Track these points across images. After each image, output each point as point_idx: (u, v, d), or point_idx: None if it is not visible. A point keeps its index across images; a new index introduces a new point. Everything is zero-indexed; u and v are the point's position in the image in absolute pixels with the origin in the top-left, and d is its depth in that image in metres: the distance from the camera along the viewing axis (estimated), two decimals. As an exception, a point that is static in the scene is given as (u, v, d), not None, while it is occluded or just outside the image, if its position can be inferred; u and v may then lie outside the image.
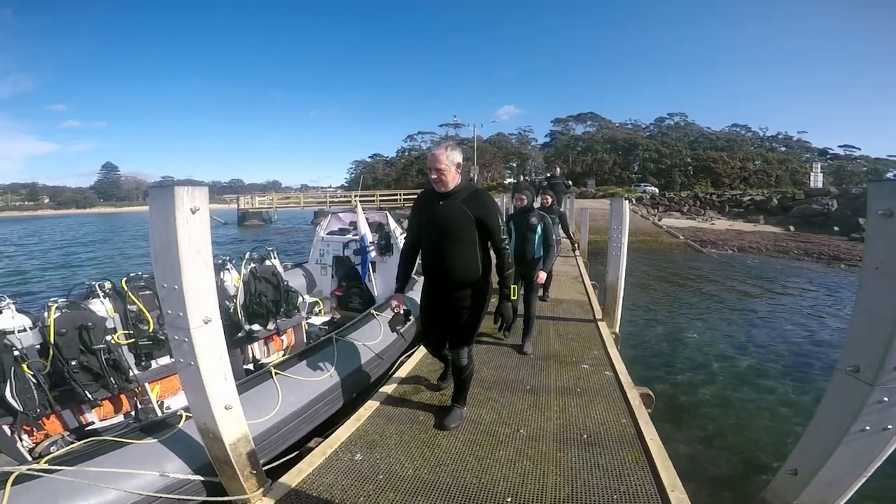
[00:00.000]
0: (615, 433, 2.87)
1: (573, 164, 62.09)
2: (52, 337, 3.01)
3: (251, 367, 4.58)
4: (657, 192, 43.87)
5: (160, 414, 3.50)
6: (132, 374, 3.46)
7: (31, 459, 2.67)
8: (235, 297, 4.45)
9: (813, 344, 7.98)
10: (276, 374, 3.27)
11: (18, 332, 3.01)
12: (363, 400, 3.48)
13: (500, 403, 3.31)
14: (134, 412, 3.56)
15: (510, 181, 49.60)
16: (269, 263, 5.03)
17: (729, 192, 40.78)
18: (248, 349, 4.62)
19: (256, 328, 4.61)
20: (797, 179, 51.42)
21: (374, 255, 6.69)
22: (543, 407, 3.25)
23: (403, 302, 3.06)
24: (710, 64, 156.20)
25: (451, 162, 2.63)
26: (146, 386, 3.64)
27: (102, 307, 3.54)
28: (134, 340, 3.59)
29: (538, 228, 4.30)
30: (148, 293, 3.74)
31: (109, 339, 3.35)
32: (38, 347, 3.10)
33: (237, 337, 4.41)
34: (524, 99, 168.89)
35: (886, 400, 1.37)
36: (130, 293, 3.64)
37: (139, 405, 3.59)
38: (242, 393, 2.43)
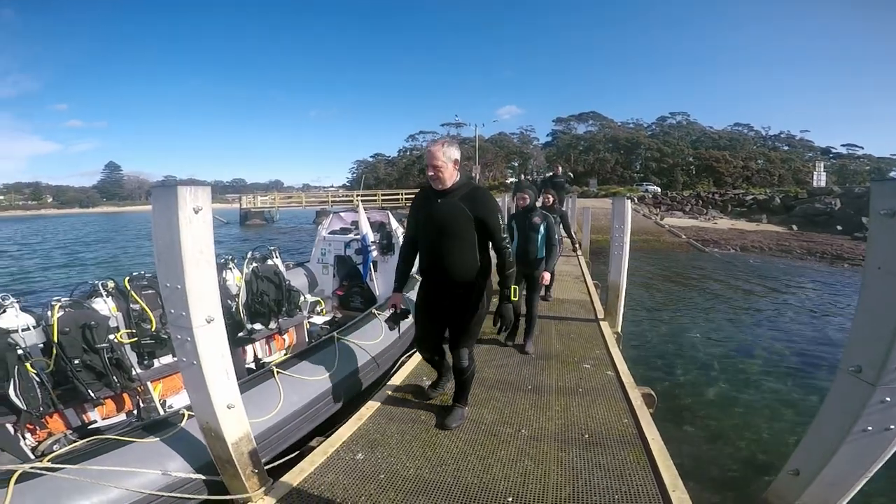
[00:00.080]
0: (617, 433, 2.86)
1: (575, 163, 61.94)
2: (55, 336, 3.02)
3: (253, 366, 4.59)
4: (659, 191, 43.83)
5: (162, 413, 3.51)
6: (135, 372, 3.48)
7: (34, 458, 2.68)
8: (237, 296, 4.46)
9: (815, 344, 7.96)
10: (277, 373, 3.27)
11: (22, 330, 3.03)
12: (364, 399, 3.48)
13: (501, 403, 3.31)
14: (136, 411, 3.57)
15: (512, 180, 49.58)
16: (270, 263, 5.04)
17: (731, 191, 40.76)
18: (249, 348, 4.63)
19: (258, 327, 4.62)
20: (800, 178, 51.33)
21: (375, 254, 6.70)
22: (545, 407, 3.25)
23: (402, 301, 3.03)
24: (712, 63, 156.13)
25: (448, 158, 2.57)
26: (148, 385, 3.65)
27: (105, 306, 3.55)
28: (136, 339, 3.60)
29: (541, 228, 4.28)
30: (150, 292, 3.75)
31: (112, 337, 3.36)
32: (41, 346, 3.11)
33: (239, 336, 4.42)
34: (525, 98, 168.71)
35: (889, 400, 1.37)
36: (133, 292, 3.65)
37: (141, 404, 3.61)
38: (244, 392, 2.44)
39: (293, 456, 2.80)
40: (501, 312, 2.77)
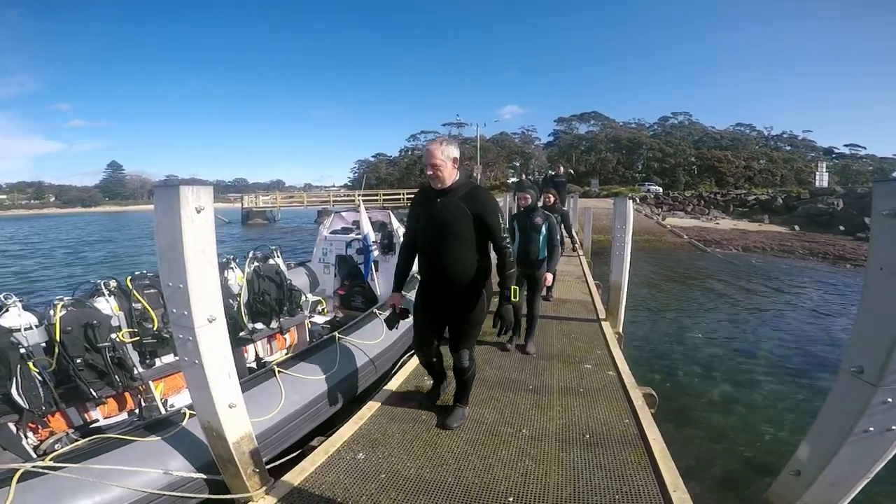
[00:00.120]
0: (618, 433, 2.86)
1: (577, 163, 61.88)
2: (57, 335, 3.02)
3: (254, 365, 4.60)
4: (661, 191, 43.77)
5: (164, 412, 3.52)
6: (136, 371, 3.48)
7: (35, 457, 2.69)
8: (239, 295, 4.47)
9: (817, 344, 7.95)
10: (278, 372, 3.28)
11: (24, 330, 3.04)
12: (365, 399, 3.48)
13: (502, 403, 3.31)
14: (138, 410, 3.58)
15: (513, 180, 49.57)
16: (272, 262, 5.04)
17: (733, 191, 40.69)
18: (251, 347, 4.63)
19: (260, 327, 4.63)
20: (802, 179, 51.23)
21: (376, 254, 6.70)
22: (546, 407, 3.25)
23: (401, 301, 3.01)
24: (714, 63, 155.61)
25: (447, 157, 2.54)
26: (150, 384, 3.66)
27: (107, 305, 3.56)
28: (138, 338, 3.61)
29: (542, 228, 4.24)
30: (152, 291, 3.76)
31: (114, 337, 3.36)
32: (43, 345, 3.12)
33: (240, 335, 4.43)
34: (527, 98, 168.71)
35: (890, 401, 1.36)
36: (135, 291, 3.66)
37: (143, 403, 3.62)
38: (245, 391, 2.44)
39: (294, 455, 2.81)
40: (501, 313, 2.72)
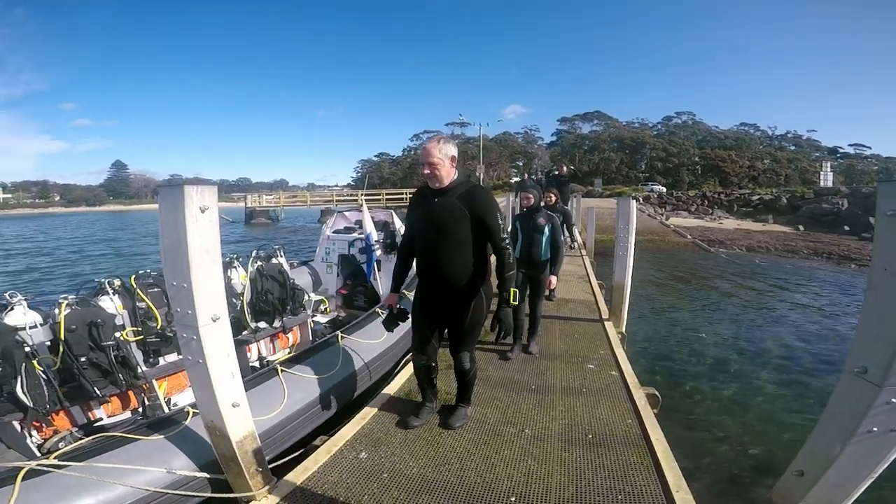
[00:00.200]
0: (620, 433, 2.86)
1: (580, 163, 61.85)
2: (62, 333, 3.05)
3: (257, 364, 4.61)
4: (665, 191, 43.72)
5: (167, 410, 3.54)
6: (140, 370, 3.50)
7: (40, 455, 2.70)
8: (242, 294, 4.48)
9: (821, 344, 7.91)
10: (281, 371, 3.29)
11: (29, 328, 3.06)
12: (368, 398, 3.49)
13: (504, 403, 3.30)
14: (141, 409, 3.60)
15: (516, 180, 49.52)
16: (275, 261, 5.07)
17: (737, 191, 40.58)
18: (254, 346, 4.65)
19: (263, 326, 4.64)
20: (807, 178, 51.04)
21: (379, 253, 6.71)
22: (548, 407, 3.24)
23: (399, 301, 2.98)
24: (717, 63, 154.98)
25: (444, 155, 2.49)
26: (154, 383, 3.68)
27: (112, 304, 3.58)
28: (142, 337, 3.63)
29: (546, 229, 4.19)
30: (156, 290, 3.78)
31: (118, 335, 3.38)
32: (48, 344, 3.14)
33: (244, 334, 4.44)
34: (530, 98, 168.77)
35: (894, 401, 1.36)
36: (139, 290, 3.68)
37: (147, 402, 3.64)
38: (248, 390, 2.45)
39: (297, 454, 2.82)
40: (500, 317, 2.67)
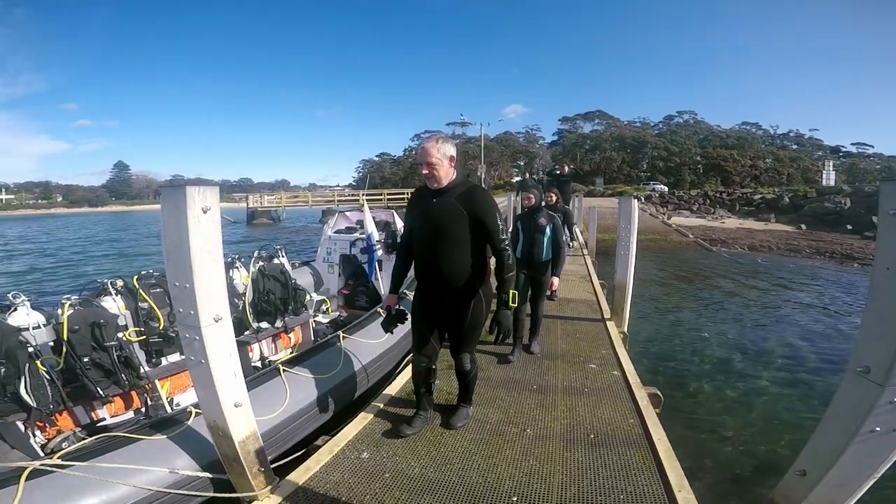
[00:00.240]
0: (622, 433, 2.85)
1: (581, 162, 61.83)
2: (65, 334, 3.06)
3: (259, 364, 4.62)
4: (666, 190, 43.64)
5: (170, 410, 3.55)
6: (143, 370, 3.51)
7: (43, 455, 2.71)
8: (244, 294, 4.49)
9: (823, 344, 7.89)
10: (283, 371, 3.29)
11: (33, 328, 3.07)
12: (370, 398, 3.50)
13: (506, 403, 3.30)
14: (144, 409, 3.61)
15: (517, 179, 49.47)
16: (277, 262, 5.07)
17: (739, 190, 40.49)
18: (256, 346, 4.66)
19: (264, 326, 4.65)
20: (809, 177, 50.93)
21: (380, 253, 6.71)
22: (550, 406, 3.24)
23: (399, 303, 2.95)
24: (719, 62, 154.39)
25: (443, 155, 2.46)
26: (156, 383, 3.69)
27: (114, 304, 3.59)
28: (145, 337, 3.64)
29: (547, 230, 4.15)
30: (158, 291, 3.79)
31: (121, 336, 3.39)
32: (51, 344, 3.15)
33: (245, 334, 4.45)
34: (531, 97, 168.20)
35: (897, 401, 1.36)
36: (142, 291, 3.69)
37: (149, 402, 3.64)
38: (250, 390, 2.45)
39: (299, 454, 2.82)
40: (499, 319, 2.61)
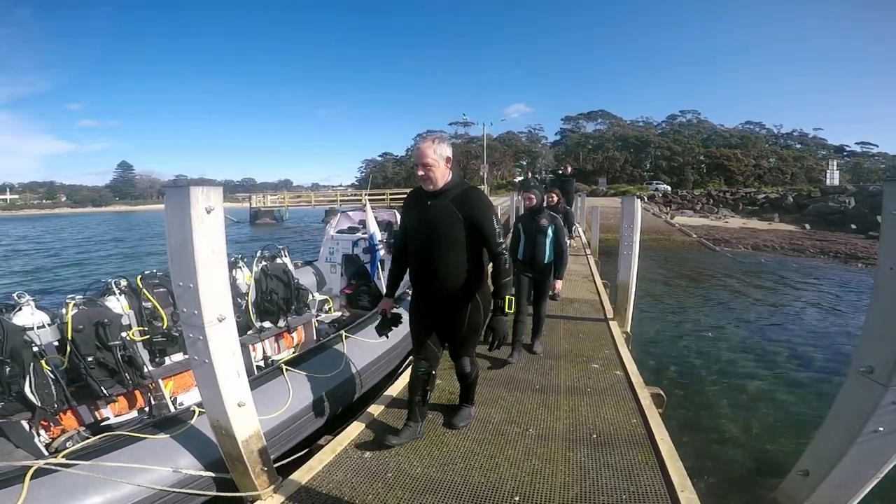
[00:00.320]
0: (625, 433, 2.85)
1: (584, 161, 61.76)
2: (69, 333, 3.07)
3: (262, 363, 4.63)
4: (669, 189, 43.55)
5: (173, 410, 3.56)
6: (146, 370, 3.53)
7: (47, 454, 2.72)
8: (247, 294, 4.50)
9: (827, 343, 7.86)
10: (286, 370, 3.30)
11: (37, 328, 3.08)
12: (372, 397, 3.50)
13: (508, 402, 3.30)
14: (148, 408, 3.62)
15: (520, 179, 49.46)
16: (279, 261, 5.08)
17: (743, 189, 40.35)
18: (259, 346, 4.67)
19: (267, 325, 4.66)
20: (813, 177, 50.70)
21: (382, 253, 6.71)
22: (553, 406, 3.24)
23: (392, 306, 2.90)
24: (722, 61, 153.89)
25: (439, 156, 2.39)
26: (160, 382, 3.70)
27: (118, 304, 3.60)
28: (148, 337, 3.65)
29: (549, 231, 4.12)
30: (162, 290, 3.80)
31: (125, 335, 3.41)
32: (56, 344, 3.17)
33: (248, 334, 4.46)
34: (534, 97, 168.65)
35: (900, 401, 1.35)
36: (145, 290, 3.70)
37: (153, 401, 3.66)
38: (253, 389, 2.46)
39: (302, 454, 2.83)
40: (493, 325, 2.53)
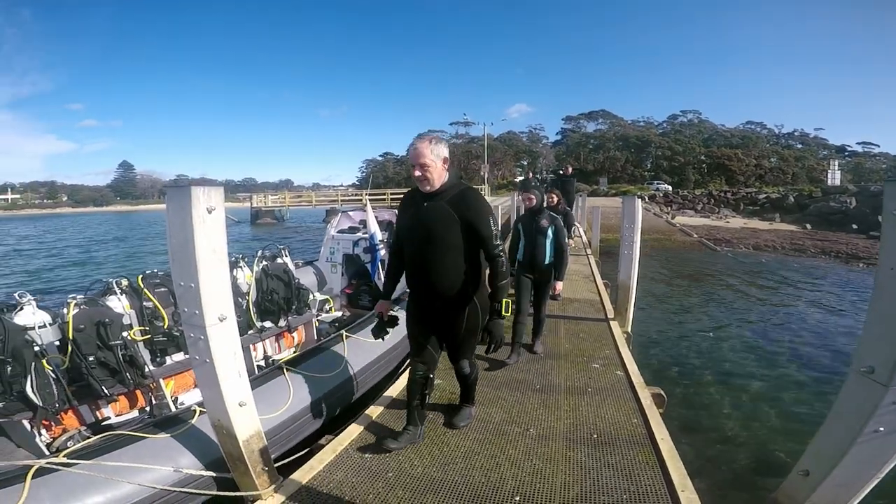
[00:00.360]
0: (626, 433, 2.85)
1: (585, 161, 61.73)
2: (70, 333, 3.07)
3: (262, 363, 4.64)
4: (670, 189, 43.52)
5: (174, 409, 3.56)
6: (147, 369, 3.53)
7: (49, 454, 2.73)
8: (248, 294, 4.50)
9: (827, 344, 7.86)
10: (286, 370, 3.31)
11: (39, 328, 3.08)
12: (373, 397, 3.50)
13: (509, 402, 3.31)
14: (149, 407, 3.63)
15: (520, 179, 49.45)
16: (280, 261, 5.08)
17: (744, 189, 40.31)
18: (259, 346, 4.67)
19: (268, 325, 4.66)
20: (814, 177, 50.67)
21: (383, 253, 6.71)
22: (553, 406, 3.24)
23: (389, 309, 2.85)
24: (723, 61, 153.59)
25: (436, 156, 2.34)
26: (161, 382, 3.70)
27: (119, 304, 3.60)
28: (149, 337, 3.65)
29: (549, 232, 4.09)
30: (163, 290, 3.80)
31: (126, 335, 3.41)
32: (57, 343, 3.17)
33: (249, 334, 4.47)
34: (535, 97, 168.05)
35: (901, 401, 1.35)
36: (146, 290, 3.70)
37: (154, 400, 3.66)
38: (254, 389, 2.46)
39: (302, 453, 2.83)
40: (489, 329, 2.50)
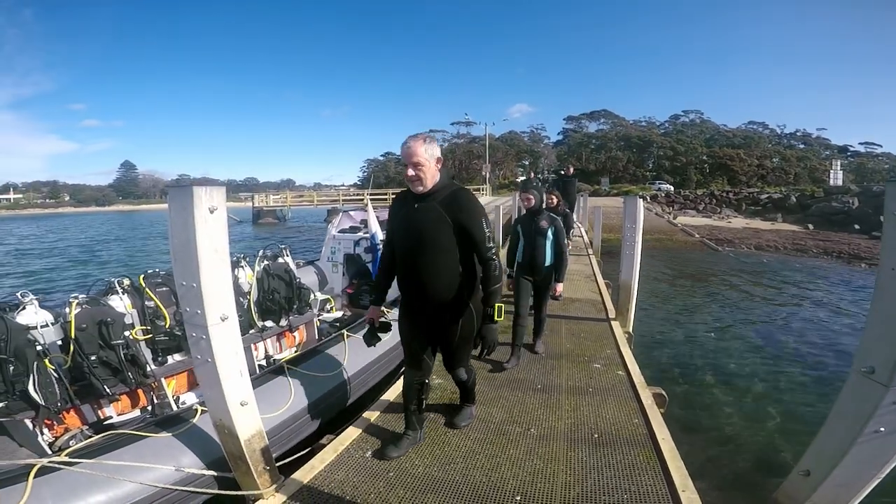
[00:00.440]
0: (627, 433, 2.85)
1: (586, 161, 61.63)
2: (72, 332, 3.09)
3: (264, 362, 4.65)
4: (672, 189, 43.44)
5: (176, 409, 3.57)
6: (149, 369, 3.54)
7: (51, 453, 2.74)
8: (249, 293, 4.51)
9: (829, 344, 7.84)
10: (288, 369, 3.31)
11: (41, 327, 3.10)
12: (374, 396, 3.51)
13: (510, 402, 3.30)
14: (150, 407, 3.64)
15: (522, 178, 49.43)
16: (281, 261, 5.09)
17: (746, 189, 40.22)
18: (261, 345, 4.68)
19: (269, 324, 4.67)
20: (816, 177, 50.50)
21: (384, 252, 6.72)
22: (554, 406, 3.24)
23: (381, 314, 2.80)
24: (725, 61, 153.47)
25: (430, 156, 2.28)
26: (163, 381, 3.72)
27: (121, 303, 3.62)
28: (151, 336, 3.66)
29: (548, 233, 4.05)
30: (165, 289, 3.81)
31: (127, 334, 3.42)
32: (59, 343, 3.18)
33: (250, 333, 4.48)
34: (537, 96, 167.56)
35: (902, 401, 1.35)
36: (148, 289, 3.71)
37: (155, 400, 3.67)
38: (255, 388, 2.47)
39: (304, 453, 2.83)
40: (483, 333, 2.44)
